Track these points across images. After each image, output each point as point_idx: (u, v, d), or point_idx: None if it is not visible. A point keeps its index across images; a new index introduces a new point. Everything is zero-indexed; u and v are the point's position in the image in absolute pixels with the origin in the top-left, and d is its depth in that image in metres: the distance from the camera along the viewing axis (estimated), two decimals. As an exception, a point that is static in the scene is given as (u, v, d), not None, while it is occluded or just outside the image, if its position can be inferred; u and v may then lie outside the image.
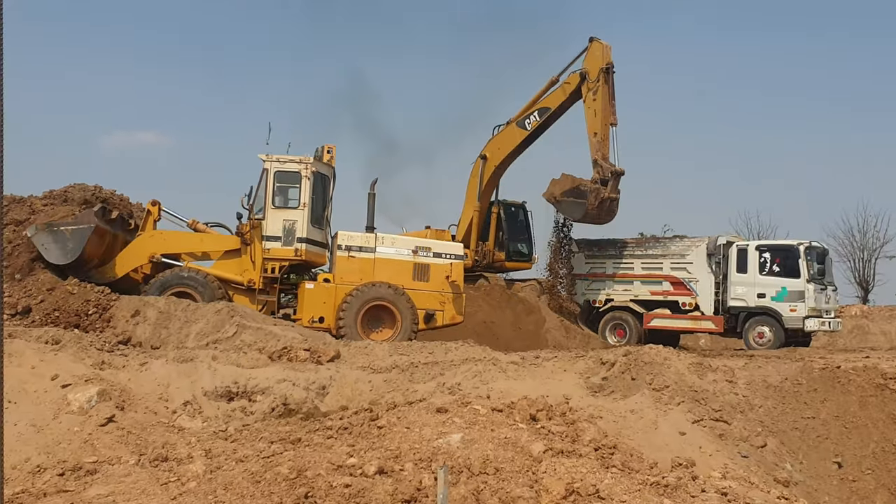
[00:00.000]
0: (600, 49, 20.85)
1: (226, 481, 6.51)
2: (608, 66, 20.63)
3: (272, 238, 17.82)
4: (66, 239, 16.24)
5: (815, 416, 10.62)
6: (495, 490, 6.21)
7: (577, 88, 21.01)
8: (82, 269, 16.87)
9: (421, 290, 18.31)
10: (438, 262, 18.68)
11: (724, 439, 9.36)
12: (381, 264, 18.27)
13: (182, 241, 18.36)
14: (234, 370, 10.44)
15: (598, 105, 20.51)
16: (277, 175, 18.04)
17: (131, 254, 17.75)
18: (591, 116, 20.69)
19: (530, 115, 21.36)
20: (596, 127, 20.47)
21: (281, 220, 17.87)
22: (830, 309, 22.92)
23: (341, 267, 18.20)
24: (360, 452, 6.86)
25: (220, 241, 18.53)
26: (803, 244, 22.44)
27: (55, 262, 16.34)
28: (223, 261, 18.11)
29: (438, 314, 18.52)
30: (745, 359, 14.66)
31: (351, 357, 12.22)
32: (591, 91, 20.54)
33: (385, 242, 18.57)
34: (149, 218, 18.23)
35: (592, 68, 20.73)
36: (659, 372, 10.28)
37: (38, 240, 16.21)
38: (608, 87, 20.59)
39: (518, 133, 21.48)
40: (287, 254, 17.85)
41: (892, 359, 15.27)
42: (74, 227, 16.38)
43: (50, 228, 16.32)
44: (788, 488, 8.51)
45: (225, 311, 14.78)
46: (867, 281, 45.39)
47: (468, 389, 9.87)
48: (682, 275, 23.50)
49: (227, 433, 8.66)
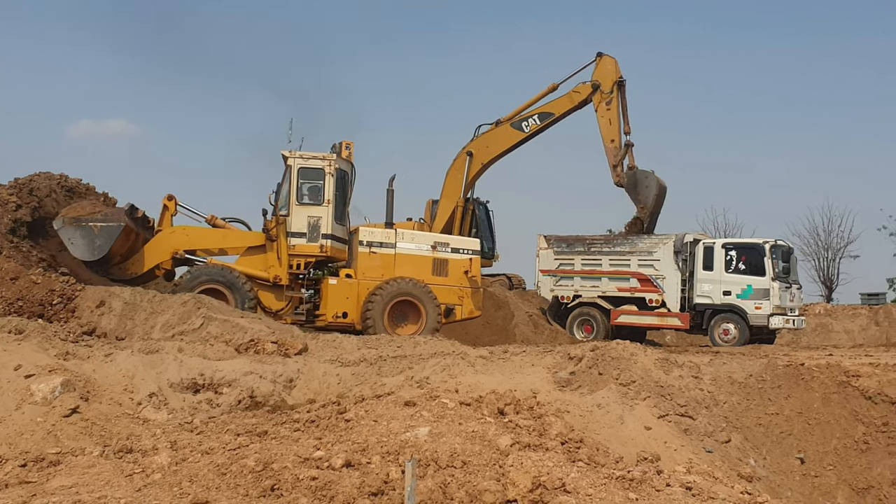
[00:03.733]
0: (612, 63, 21.80)
1: (191, 473, 6.47)
2: (621, 79, 21.62)
3: (297, 234, 17.95)
4: (94, 235, 16.21)
5: (779, 412, 10.74)
6: (462, 483, 6.22)
7: (586, 98, 21.75)
8: (104, 266, 16.91)
9: (440, 285, 18.62)
10: (457, 258, 18.99)
11: (689, 434, 9.44)
12: (402, 260, 18.55)
13: (206, 238, 18.33)
14: (201, 362, 10.36)
15: (612, 114, 21.51)
16: (301, 171, 18.14)
17: (154, 250, 17.71)
18: (605, 125, 21.62)
19: (529, 119, 21.77)
20: (613, 134, 21.42)
21: (305, 216, 17.99)
22: (795, 307, 23.20)
23: (363, 263, 18.41)
24: (327, 445, 6.85)
25: (244, 237, 18.55)
26: (769, 242, 22.69)
27: (80, 258, 16.39)
28: (246, 257, 18.13)
29: (458, 308, 18.85)
30: (711, 355, 14.79)
31: (319, 350, 12.18)
32: (605, 102, 21.49)
33: (405, 238, 18.87)
34: (166, 213, 18.07)
35: (605, 80, 21.61)
36: (626, 367, 10.34)
37: (65, 234, 16.20)
38: (622, 98, 21.62)
39: (514, 134, 21.83)
40: (312, 250, 17.99)
41: (855, 356, 15.50)
42: (104, 223, 16.37)
43: (78, 223, 16.26)
44: (752, 483, 8.60)
45: (191, 303, 14.66)
46: (831, 280, 45.96)
47: (437, 383, 9.87)
48: (650, 272, 23.66)
49: (192, 425, 8.60)
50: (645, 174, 21.45)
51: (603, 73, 21.73)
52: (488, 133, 22.16)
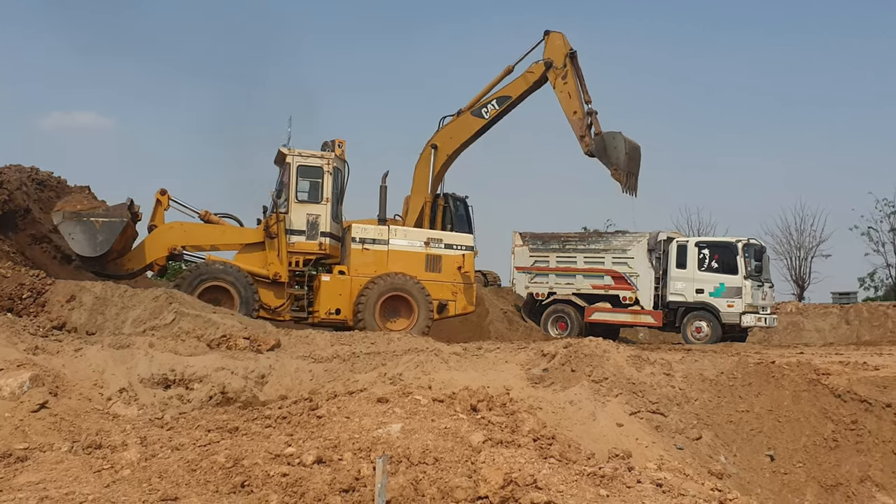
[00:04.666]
0: (560, 38, 21.34)
1: (161, 469, 6.41)
2: (572, 51, 21.14)
3: (296, 232, 18.01)
4: (95, 231, 15.98)
5: (750, 409, 10.81)
6: (434, 480, 6.21)
7: (540, 77, 21.34)
8: (99, 262, 16.68)
9: (433, 281, 18.69)
10: (450, 254, 19.06)
11: (661, 431, 9.49)
12: (395, 256, 18.62)
13: (204, 234, 18.18)
14: (172, 357, 10.29)
15: (570, 87, 21.01)
16: (300, 169, 18.19)
17: (152, 246, 17.51)
18: (565, 99, 21.14)
19: (488, 104, 21.41)
20: (574, 107, 20.89)
21: (304, 213, 18.07)
22: (767, 305, 23.41)
23: (356, 259, 18.45)
24: (298, 442, 6.81)
25: (242, 234, 18.46)
26: (742, 241, 22.88)
27: (81, 254, 16.14)
28: (244, 254, 18.04)
29: (451, 304, 18.95)
30: (683, 353, 14.88)
31: (291, 346, 12.13)
32: (560, 77, 21.02)
33: (398, 234, 18.92)
34: (158, 208, 17.86)
35: (557, 56, 21.16)
36: (598, 364, 10.38)
37: (65, 228, 15.91)
38: (576, 69, 21.14)
39: (474, 122, 21.51)
40: (311, 248, 18.12)
41: (825, 355, 15.65)
42: (106, 219, 16.14)
43: (79, 218, 15.97)
44: (722, 480, 8.66)
45: (163, 298, 14.53)
46: (803, 279, 46.44)
47: (410, 380, 9.86)
48: (624, 269, 23.80)
49: (163, 421, 8.52)
50: (612, 136, 20.81)
51: (553, 49, 21.36)
52: (451, 124, 21.90)
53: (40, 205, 18.61)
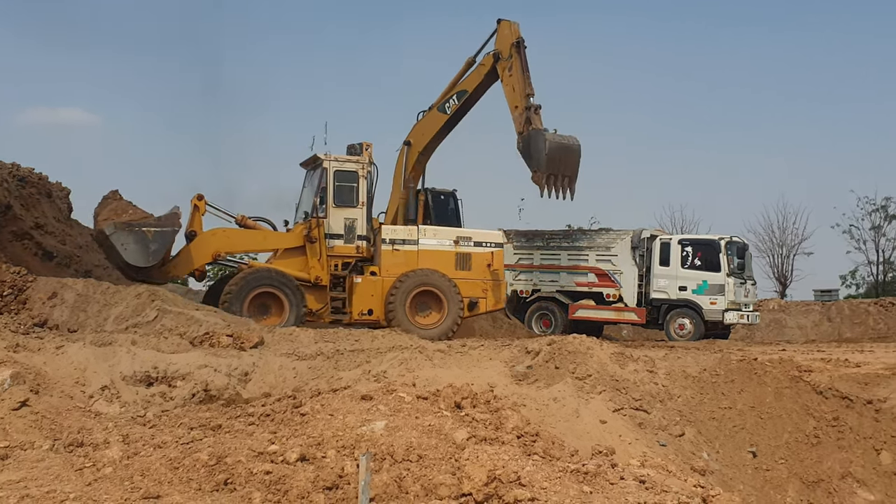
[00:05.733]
0: (508, 27, 20.68)
1: (143, 467, 6.37)
2: (518, 40, 20.44)
3: (335, 236, 18.33)
4: (147, 240, 16.09)
5: (732, 406, 10.87)
6: (418, 477, 6.20)
7: (491, 69, 20.76)
8: (147, 271, 16.75)
9: (464, 279, 18.96)
10: (479, 251, 19.32)
11: (644, 428, 9.53)
12: (425, 255, 18.89)
13: (246, 239, 18.50)
14: (154, 355, 10.24)
15: (514, 80, 20.29)
16: (337, 174, 18.47)
17: (196, 252, 17.62)
18: (509, 92, 20.45)
19: (449, 99, 21.04)
20: (515, 101, 20.15)
21: (342, 217, 18.40)
22: (749, 302, 23.51)
23: (386, 260, 18.69)
24: (281, 439, 6.79)
25: (282, 238, 18.67)
26: (724, 239, 22.98)
27: (135, 264, 16.19)
28: (283, 258, 18.21)
29: (482, 301, 19.25)
30: (666, 350, 14.96)
31: (275, 343, 12.10)
32: (507, 69, 20.35)
33: (427, 234, 19.18)
34: (196, 214, 17.94)
35: (504, 46, 20.56)
36: (582, 361, 10.41)
37: (118, 239, 15.96)
38: (521, 60, 20.33)
39: (439, 117, 21.15)
40: (349, 251, 18.49)
41: (807, 352, 15.75)
42: (158, 229, 16.26)
43: (130, 228, 16.08)
44: (705, 476, 8.69)
45: (145, 295, 14.47)
46: (785, 276, 46.68)
47: (394, 377, 9.85)
48: (607, 267, 23.84)
49: (145, 419, 8.48)
50: (536, 134, 19.64)
51: (502, 38, 20.70)
52: (422, 120, 21.60)
53: (21, 201, 18.49)
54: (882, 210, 46.42)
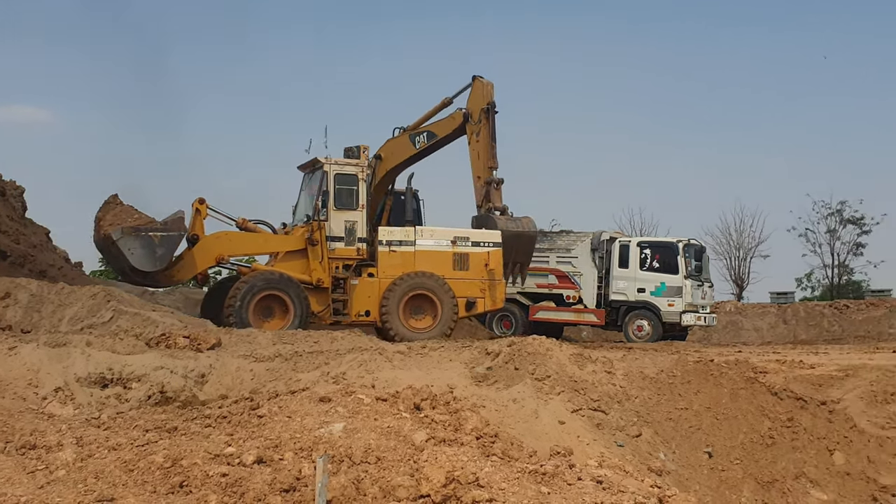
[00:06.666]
0: (481, 88, 20.29)
1: (97, 469, 6.28)
2: (489, 105, 20.15)
3: (336, 238, 18.36)
4: (154, 245, 16.13)
5: (689, 407, 10.97)
6: (376, 479, 6.18)
7: (461, 126, 20.45)
8: (153, 276, 16.79)
9: (461, 279, 18.95)
10: (477, 251, 19.23)
11: (602, 429, 9.58)
12: (422, 256, 18.82)
13: (248, 243, 18.48)
14: (110, 356, 10.09)
15: (481, 147, 20.06)
16: (337, 177, 18.52)
17: (200, 255, 17.52)
18: (474, 158, 20.27)
19: (421, 135, 20.61)
20: (478, 170, 20.06)
21: (342, 220, 18.45)
22: (706, 304, 23.80)
23: (383, 261, 18.68)
24: (238, 441, 6.73)
25: (284, 241, 18.64)
26: (682, 241, 23.24)
27: (141, 268, 16.17)
28: (285, 261, 18.21)
29: (480, 301, 19.23)
30: (624, 351, 15.06)
31: (232, 345, 11.99)
32: (475, 133, 20.14)
33: (424, 235, 19.10)
34: (198, 217, 17.80)
35: (474, 109, 20.22)
36: (541, 362, 10.44)
37: (125, 244, 15.93)
38: (489, 127, 20.09)
39: (408, 148, 20.72)
40: (350, 253, 18.52)
41: (763, 354, 15.96)
42: (164, 233, 16.31)
43: (137, 233, 16.06)
44: (661, 477, 8.76)
45: (101, 296, 14.30)
46: (742, 278, 47.27)
47: (353, 379, 9.81)
48: (567, 269, 24.00)
49: (100, 420, 8.34)
50: (490, 220, 19.69)
51: (474, 99, 20.29)
52: (395, 140, 21.15)
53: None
54: (837, 214, 47.27)
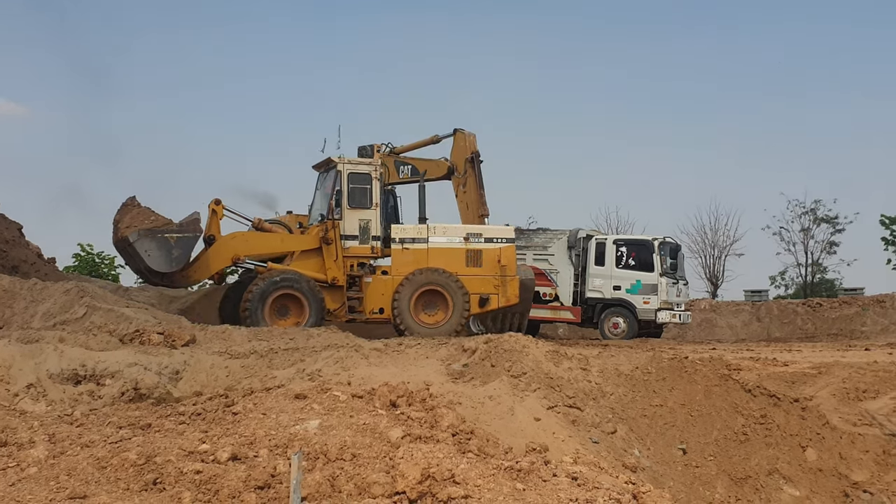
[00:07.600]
0: (463, 140, 20.48)
1: (69, 467, 6.22)
2: (473, 154, 20.42)
3: (350, 237, 18.55)
4: (170, 246, 16.28)
5: (663, 404, 11.02)
6: (351, 476, 6.17)
7: (445, 175, 20.72)
8: (169, 277, 16.92)
9: (474, 276, 19.01)
10: (490, 247, 19.27)
11: (577, 425, 9.61)
12: (435, 253, 18.93)
13: (264, 242, 18.53)
14: (83, 352, 10.01)
15: (469, 197, 20.41)
16: (351, 177, 18.66)
17: (216, 256, 17.67)
18: (463, 209, 20.61)
19: (406, 165, 20.51)
20: (469, 221, 20.25)
21: (357, 219, 18.65)
22: (681, 302, 23.98)
23: (397, 259, 18.84)
24: (213, 438, 6.69)
25: (299, 240, 18.78)
26: (657, 239, 23.40)
27: (158, 270, 16.32)
28: (300, 260, 18.32)
29: (493, 297, 19.25)
30: (600, 348, 15.15)
31: (207, 342, 11.94)
32: (461, 185, 20.46)
33: (437, 232, 19.19)
34: (214, 218, 17.90)
35: (459, 160, 20.49)
36: (517, 359, 10.46)
37: (141, 246, 16.10)
38: (475, 176, 20.35)
39: (393, 172, 20.45)
40: (364, 251, 18.75)
41: (737, 351, 16.09)
42: (180, 235, 16.45)
43: (153, 235, 16.18)
44: (636, 473, 8.80)
45: (74, 292, 14.18)
46: (716, 276, 47.63)
47: (329, 376, 9.79)
48: (544, 266, 24.09)
49: (72, 417, 8.27)
50: None
51: (457, 151, 20.56)
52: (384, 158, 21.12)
53: (-55, 195, 17.97)
54: (811, 213, 47.73)
